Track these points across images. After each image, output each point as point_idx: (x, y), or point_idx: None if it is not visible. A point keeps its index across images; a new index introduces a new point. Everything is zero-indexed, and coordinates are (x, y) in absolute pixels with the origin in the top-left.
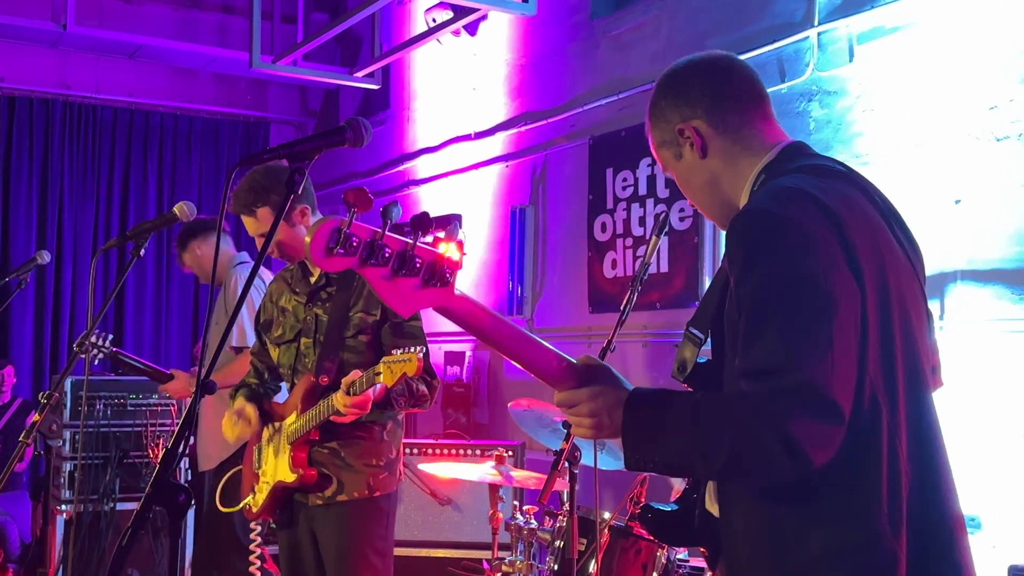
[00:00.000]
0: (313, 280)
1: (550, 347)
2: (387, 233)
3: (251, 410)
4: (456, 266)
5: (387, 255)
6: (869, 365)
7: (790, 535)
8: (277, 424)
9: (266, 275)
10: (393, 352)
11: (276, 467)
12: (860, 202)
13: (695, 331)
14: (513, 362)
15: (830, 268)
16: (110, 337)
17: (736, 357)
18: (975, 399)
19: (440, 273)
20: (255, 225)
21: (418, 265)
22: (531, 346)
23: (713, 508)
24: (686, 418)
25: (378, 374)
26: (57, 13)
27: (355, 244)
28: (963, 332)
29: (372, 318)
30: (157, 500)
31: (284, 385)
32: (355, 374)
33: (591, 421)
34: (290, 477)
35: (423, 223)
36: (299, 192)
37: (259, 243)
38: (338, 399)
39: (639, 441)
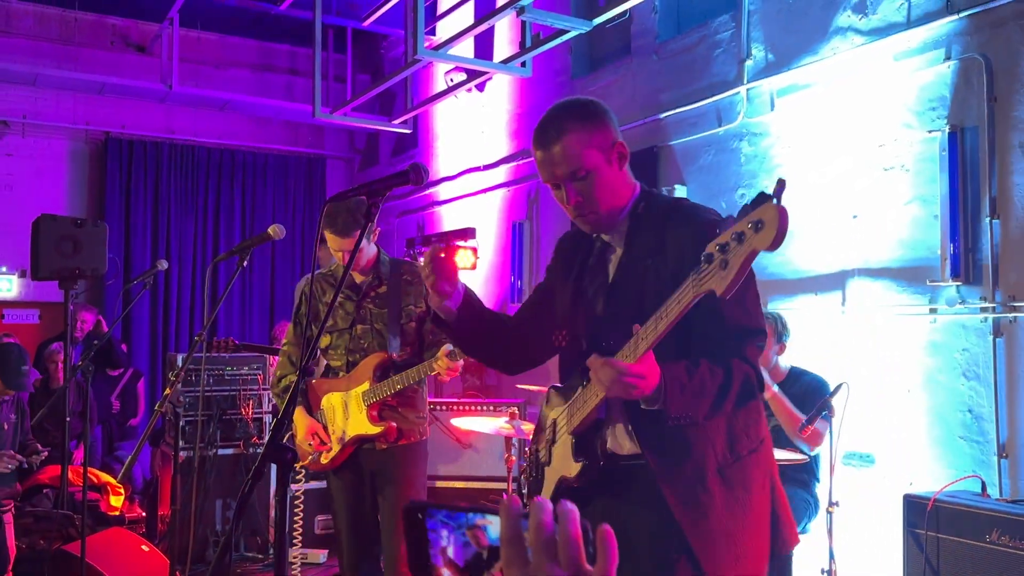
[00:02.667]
0: (359, 281)
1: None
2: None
3: (303, 428)
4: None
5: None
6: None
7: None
8: (342, 394)
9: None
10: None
11: (352, 424)
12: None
13: (605, 326)
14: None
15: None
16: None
17: (676, 342)
18: (871, 364)
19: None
20: (341, 242)
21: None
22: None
23: (619, 446)
24: (708, 375)
25: None
26: (165, 77)
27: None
28: (860, 315)
29: (419, 309)
30: (270, 458)
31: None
32: (446, 348)
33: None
34: (373, 430)
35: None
36: (373, 219)
37: (343, 256)
38: (442, 364)
39: (675, 406)
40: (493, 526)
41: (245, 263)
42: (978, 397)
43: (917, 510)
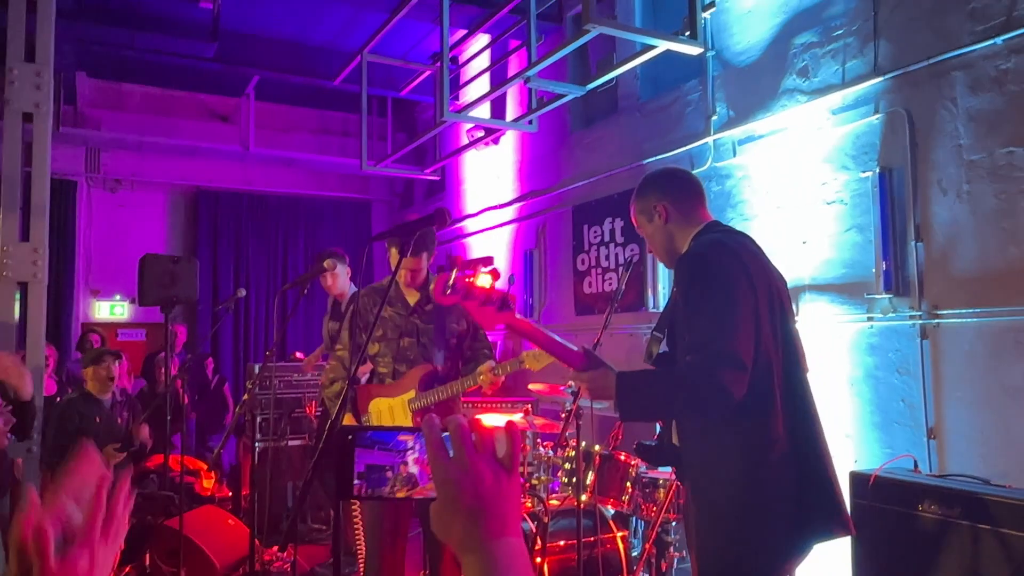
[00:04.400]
0: (410, 300)
1: (569, 345)
2: (474, 284)
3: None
4: (514, 300)
5: (477, 295)
6: (763, 338)
7: (723, 447)
8: (388, 400)
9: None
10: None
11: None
12: (752, 247)
13: (657, 332)
14: (547, 353)
15: (736, 284)
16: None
17: (678, 345)
18: (821, 363)
19: (508, 304)
20: (409, 261)
21: (495, 299)
22: (558, 345)
23: (676, 441)
24: (656, 385)
25: (522, 362)
26: (243, 141)
27: (458, 288)
28: (811, 323)
29: (460, 328)
30: (326, 458)
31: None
32: (489, 364)
33: (594, 392)
34: None
35: (478, 264)
36: (408, 251)
37: (406, 274)
38: (486, 378)
39: (627, 404)
40: (411, 442)
41: (306, 290)
42: (909, 389)
43: (861, 484)
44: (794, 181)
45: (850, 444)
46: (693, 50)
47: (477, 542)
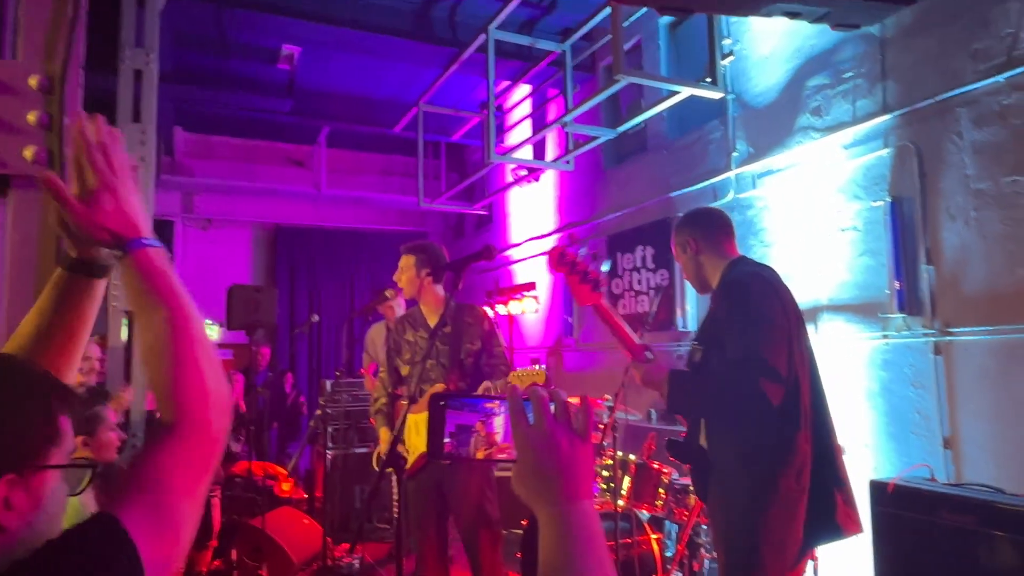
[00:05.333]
0: (432, 323)
1: (635, 336)
2: (580, 260)
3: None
4: (604, 283)
5: (580, 270)
6: (794, 356)
7: (753, 451)
8: (416, 417)
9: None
10: (517, 369)
11: (421, 442)
12: (779, 278)
13: (697, 343)
14: (616, 338)
15: (773, 308)
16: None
17: (714, 355)
18: (839, 377)
19: (599, 285)
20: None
21: (592, 278)
22: (627, 335)
23: (703, 442)
24: (704, 385)
25: (508, 381)
26: (316, 183)
27: (567, 261)
28: (828, 339)
29: (475, 348)
30: (389, 463)
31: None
32: (487, 384)
33: (647, 381)
34: None
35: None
36: (458, 286)
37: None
38: (484, 394)
39: (676, 397)
40: (496, 408)
41: (370, 317)
42: (924, 402)
43: (880, 492)
44: (810, 210)
45: (868, 453)
46: (714, 94)
47: (554, 504)
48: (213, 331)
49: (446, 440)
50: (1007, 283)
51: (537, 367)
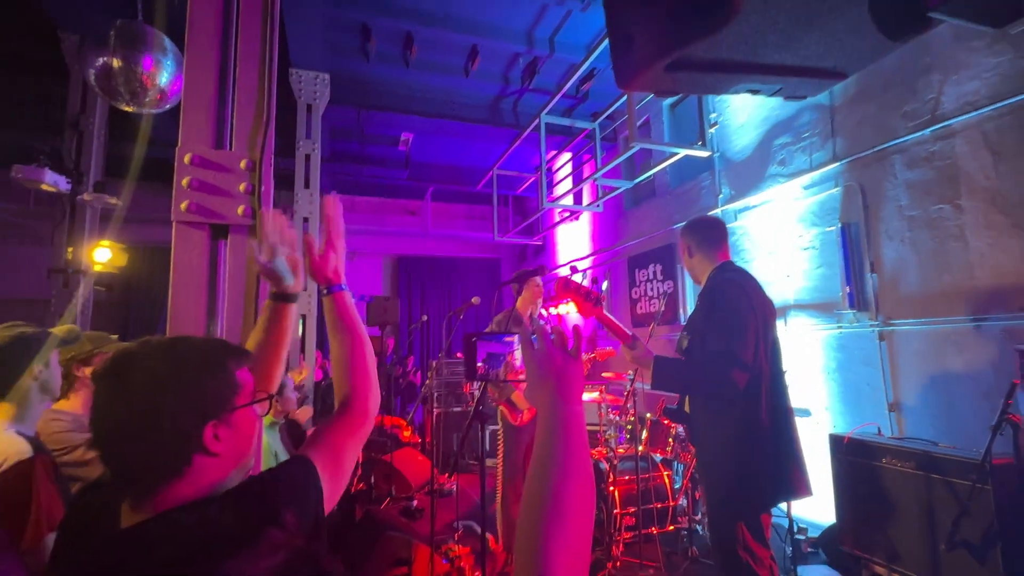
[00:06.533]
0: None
1: (628, 331)
2: (580, 285)
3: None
4: (604, 299)
5: (581, 293)
6: (760, 348)
7: (721, 419)
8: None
9: None
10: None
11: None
12: (754, 283)
13: (686, 332)
14: (612, 334)
15: (744, 310)
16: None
17: (698, 343)
18: (805, 360)
19: (600, 301)
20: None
21: (592, 297)
22: (622, 331)
23: (686, 408)
24: (683, 370)
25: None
26: (424, 227)
27: (570, 287)
28: (795, 333)
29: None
30: (476, 419)
31: None
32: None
33: (636, 363)
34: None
35: (587, 288)
36: (521, 291)
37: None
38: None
39: (660, 379)
40: (514, 342)
41: (461, 316)
42: (872, 377)
43: (838, 443)
44: (778, 235)
45: (827, 415)
46: (703, 154)
47: (551, 403)
48: None
49: (479, 365)
50: (936, 285)
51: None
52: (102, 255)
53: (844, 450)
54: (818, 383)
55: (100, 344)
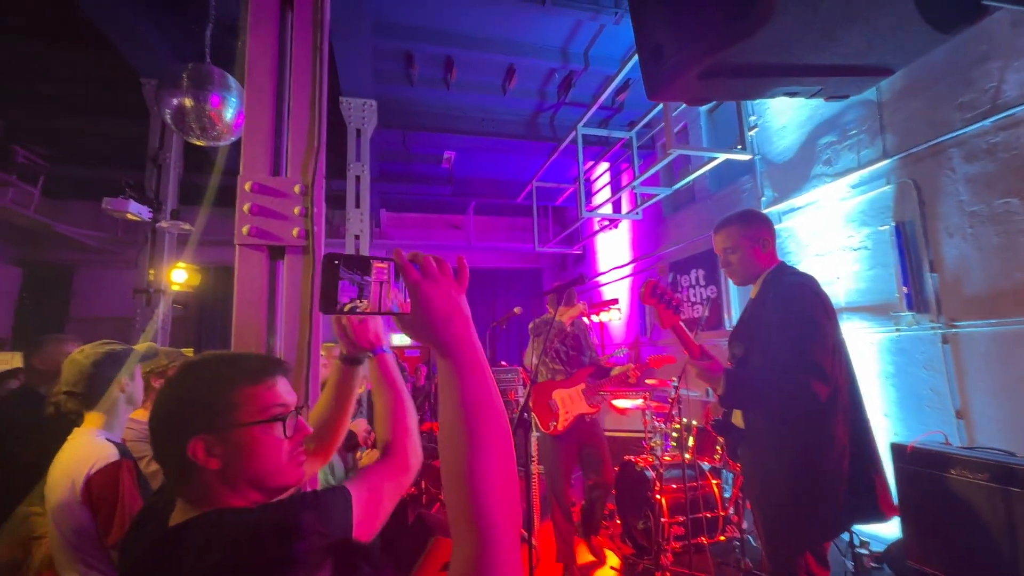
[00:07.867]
0: (567, 328)
1: (696, 343)
2: (666, 292)
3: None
4: (681, 306)
5: (666, 300)
6: (836, 358)
7: (792, 435)
8: (568, 391)
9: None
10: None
11: (575, 407)
12: (820, 286)
13: (739, 340)
14: (683, 344)
15: (820, 316)
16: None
17: (759, 352)
18: (864, 363)
19: (679, 309)
20: (563, 310)
21: (675, 305)
22: (692, 342)
23: (738, 422)
24: (756, 383)
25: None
26: (468, 239)
27: (658, 294)
28: (848, 337)
29: (587, 344)
30: (520, 427)
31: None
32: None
33: (702, 377)
34: (590, 409)
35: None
36: (563, 300)
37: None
38: (633, 375)
39: (730, 394)
40: (385, 271)
41: (504, 326)
42: (936, 381)
43: (900, 453)
44: (827, 237)
45: (887, 422)
46: (744, 157)
47: (453, 338)
48: (404, 337)
49: (339, 295)
50: (1005, 284)
51: (618, 354)
52: (179, 276)
53: (907, 460)
54: (874, 388)
55: (174, 359)
